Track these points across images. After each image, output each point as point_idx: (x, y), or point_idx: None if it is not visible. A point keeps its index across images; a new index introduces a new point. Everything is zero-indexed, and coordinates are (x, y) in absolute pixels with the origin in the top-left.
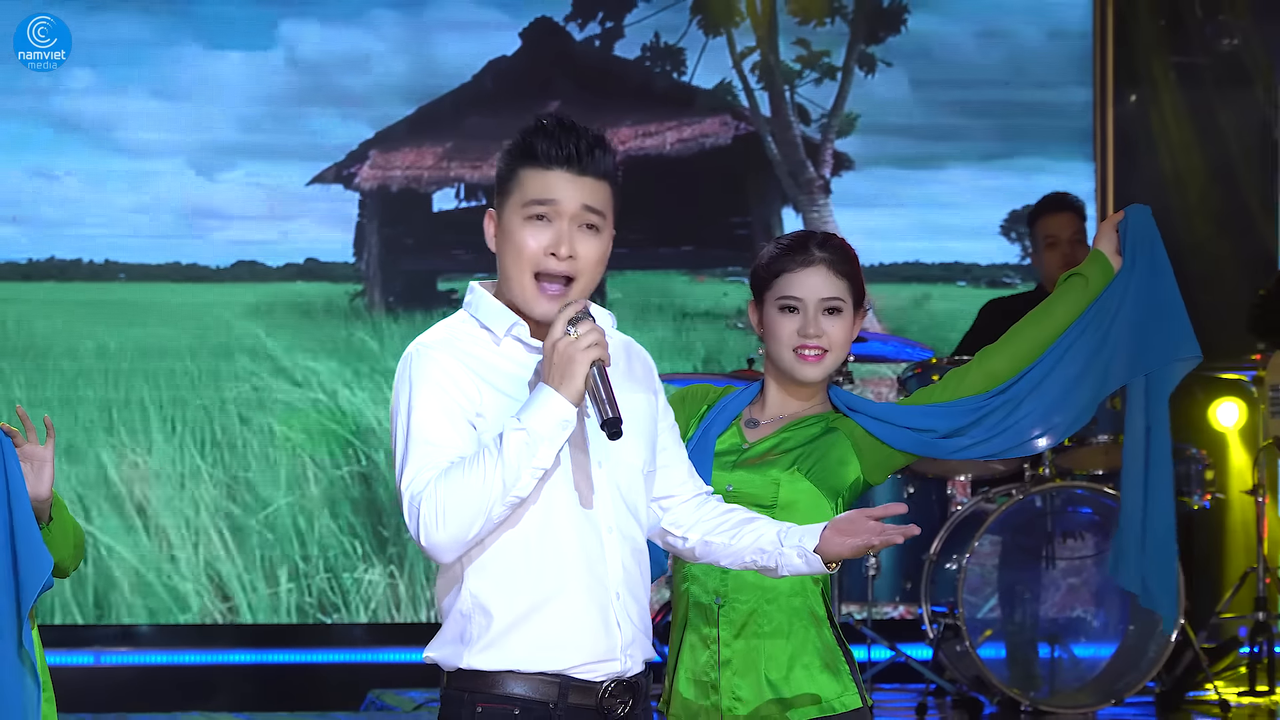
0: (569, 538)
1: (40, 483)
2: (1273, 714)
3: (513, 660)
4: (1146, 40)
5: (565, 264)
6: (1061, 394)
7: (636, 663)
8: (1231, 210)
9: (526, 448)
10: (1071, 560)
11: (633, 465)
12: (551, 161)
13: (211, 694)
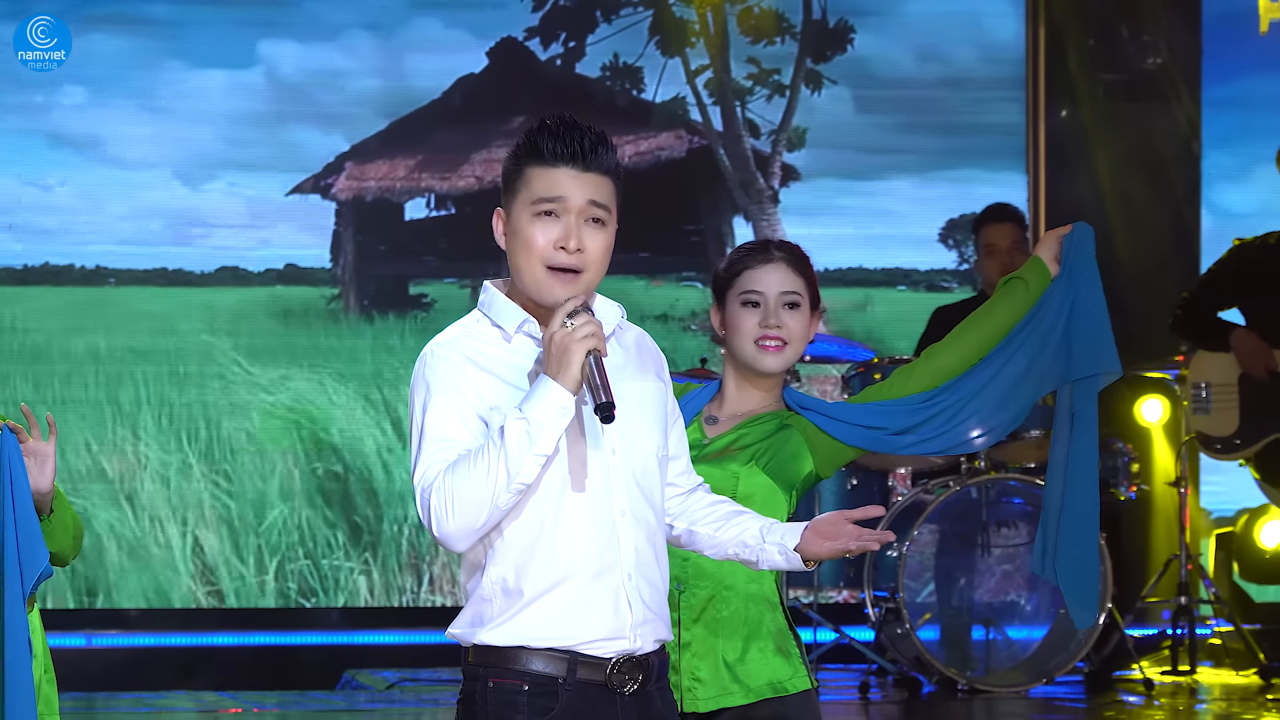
0: (582, 523)
1: (43, 477)
2: (1193, 691)
3: (523, 637)
4: (1076, 59)
5: (574, 257)
6: (1004, 395)
7: (648, 641)
8: (1157, 218)
9: (528, 436)
10: (1005, 548)
11: (647, 451)
12: (557, 159)
13: (197, 674)
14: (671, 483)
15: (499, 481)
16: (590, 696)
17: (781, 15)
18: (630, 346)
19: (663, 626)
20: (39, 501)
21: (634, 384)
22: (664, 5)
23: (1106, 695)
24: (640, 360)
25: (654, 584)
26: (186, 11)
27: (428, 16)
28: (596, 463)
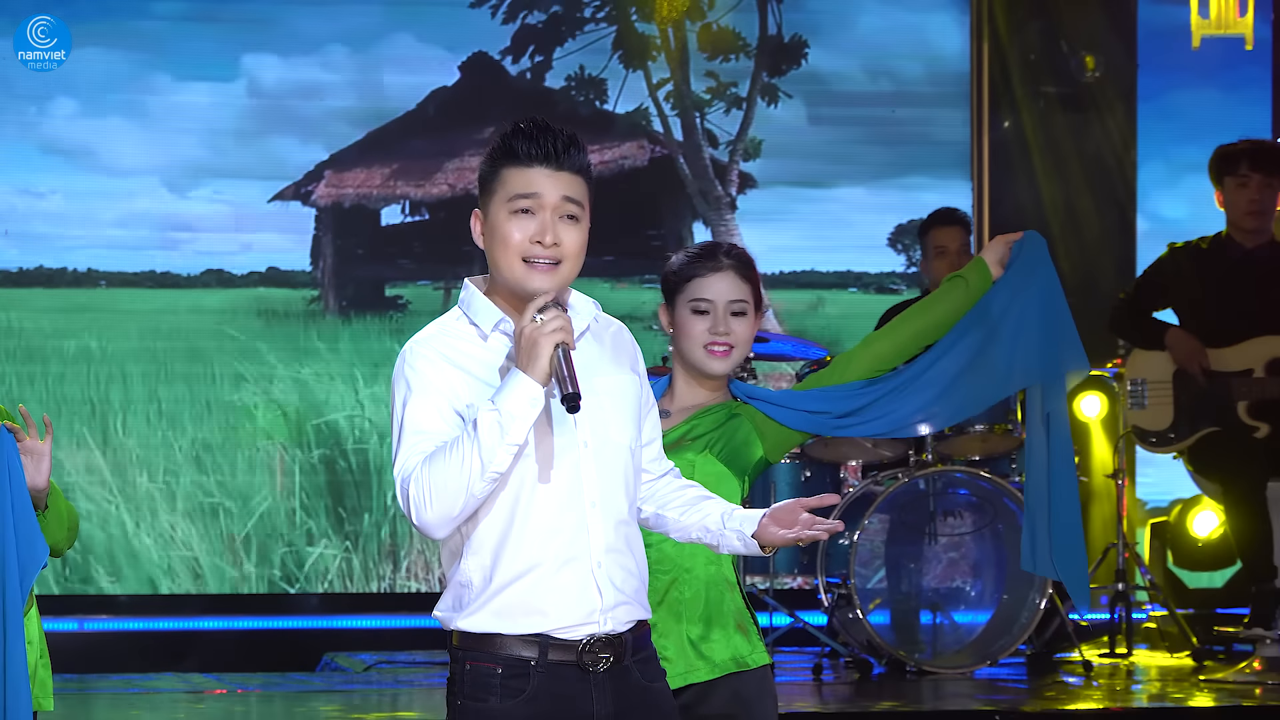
0: (551, 513)
1: (39, 474)
2: (1130, 673)
3: (496, 624)
4: (1018, 73)
5: (550, 250)
6: (944, 387)
7: (620, 623)
8: (1095, 224)
9: (499, 427)
10: (951, 536)
11: (619, 444)
12: (532, 159)
13: (183, 657)
14: (644, 468)
15: (473, 471)
16: (562, 676)
17: (738, 33)
18: (607, 340)
19: (638, 608)
20: (35, 497)
21: (609, 378)
22: (627, 22)
23: (1048, 676)
24: (616, 354)
25: (627, 569)
26: (173, 28)
27: (403, 32)
28: (568, 455)
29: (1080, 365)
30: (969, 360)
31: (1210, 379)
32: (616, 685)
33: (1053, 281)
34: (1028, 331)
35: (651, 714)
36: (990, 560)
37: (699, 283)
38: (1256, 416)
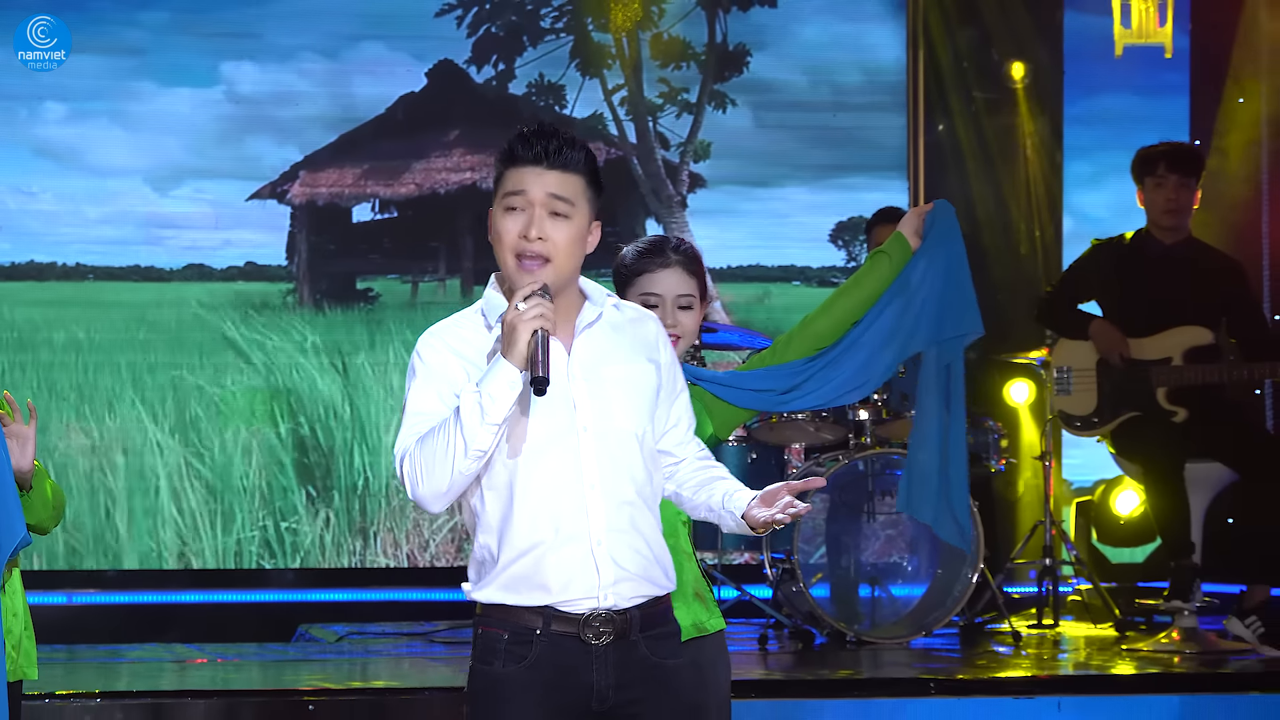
0: (550, 495)
1: (24, 457)
2: (1057, 643)
3: (504, 596)
4: (951, 78)
5: (537, 245)
6: (872, 354)
7: (622, 598)
8: (1024, 221)
9: (480, 408)
10: (889, 515)
11: (623, 430)
12: (522, 160)
13: (167, 628)
14: (668, 450)
15: (458, 450)
16: (564, 647)
17: (687, 42)
18: (625, 329)
19: (647, 585)
20: (21, 478)
21: (618, 366)
22: (584, 31)
23: (979, 646)
24: (634, 344)
25: (634, 548)
26: (156, 37)
27: (372, 41)
28: (567, 439)
29: (976, 329)
30: (892, 326)
31: (1131, 367)
32: (621, 658)
33: (959, 248)
34: (935, 296)
35: (657, 689)
36: (925, 537)
37: (649, 278)
38: (1175, 402)
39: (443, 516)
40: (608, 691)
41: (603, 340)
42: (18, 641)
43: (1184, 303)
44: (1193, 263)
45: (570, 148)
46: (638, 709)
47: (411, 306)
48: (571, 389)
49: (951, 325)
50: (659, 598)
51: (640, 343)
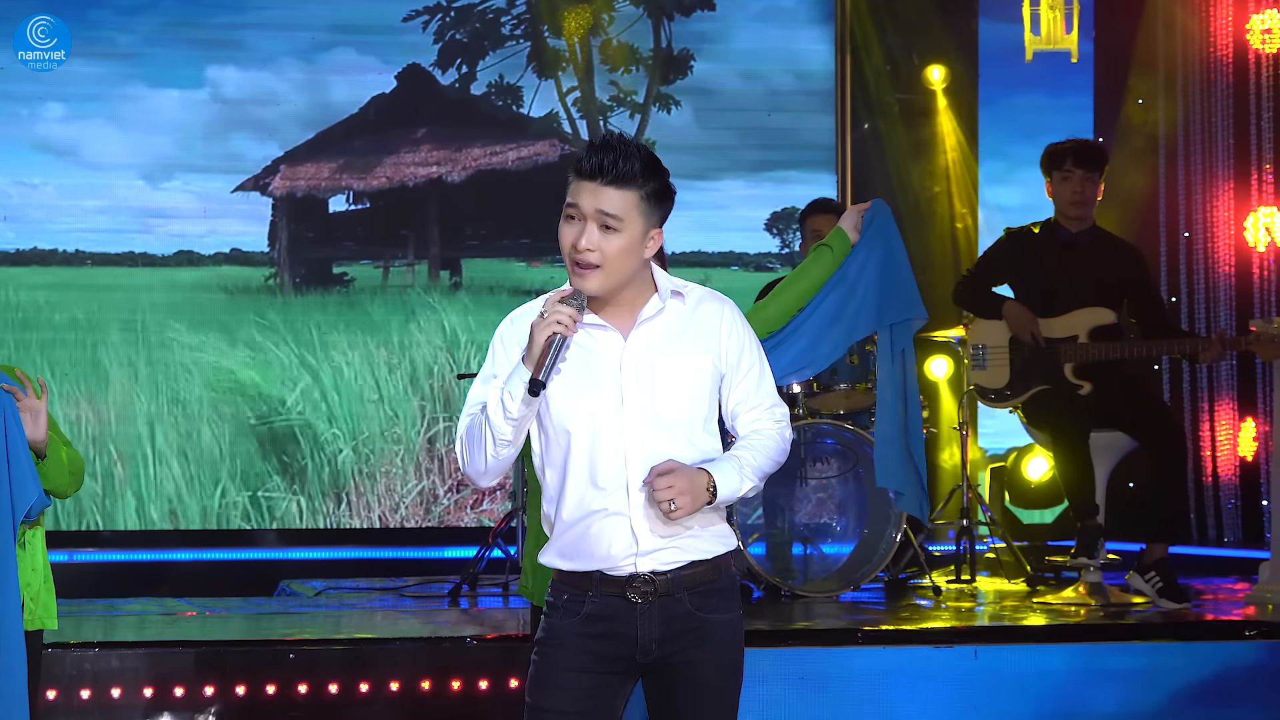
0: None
1: (37, 429)
2: (973, 596)
3: (560, 561)
4: (875, 81)
5: (583, 255)
6: (816, 337)
7: (664, 564)
8: (942, 212)
9: (501, 406)
10: (820, 480)
11: (668, 419)
12: (582, 175)
13: (159, 584)
14: (733, 429)
15: (488, 439)
16: (611, 604)
17: (635, 48)
18: (686, 319)
19: (688, 552)
20: (36, 448)
21: (673, 358)
22: (539, 38)
23: (903, 599)
24: (695, 335)
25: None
26: (147, 43)
27: (345, 46)
28: (614, 425)
29: (919, 313)
30: (834, 313)
31: (1041, 344)
32: (666, 613)
33: (897, 241)
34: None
35: (701, 639)
36: (853, 500)
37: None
38: (1080, 376)
39: (411, 482)
40: (651, 645)
41: (661, 332)
42: (36, 594)
43: (1088, 286)
44: (1096, 250)
45: (627, 163)
46: (681, 659)
47: (383, 289)
48: (622, 379)
49: (894, 311)
50: (704, 560)
51: (702, 334)
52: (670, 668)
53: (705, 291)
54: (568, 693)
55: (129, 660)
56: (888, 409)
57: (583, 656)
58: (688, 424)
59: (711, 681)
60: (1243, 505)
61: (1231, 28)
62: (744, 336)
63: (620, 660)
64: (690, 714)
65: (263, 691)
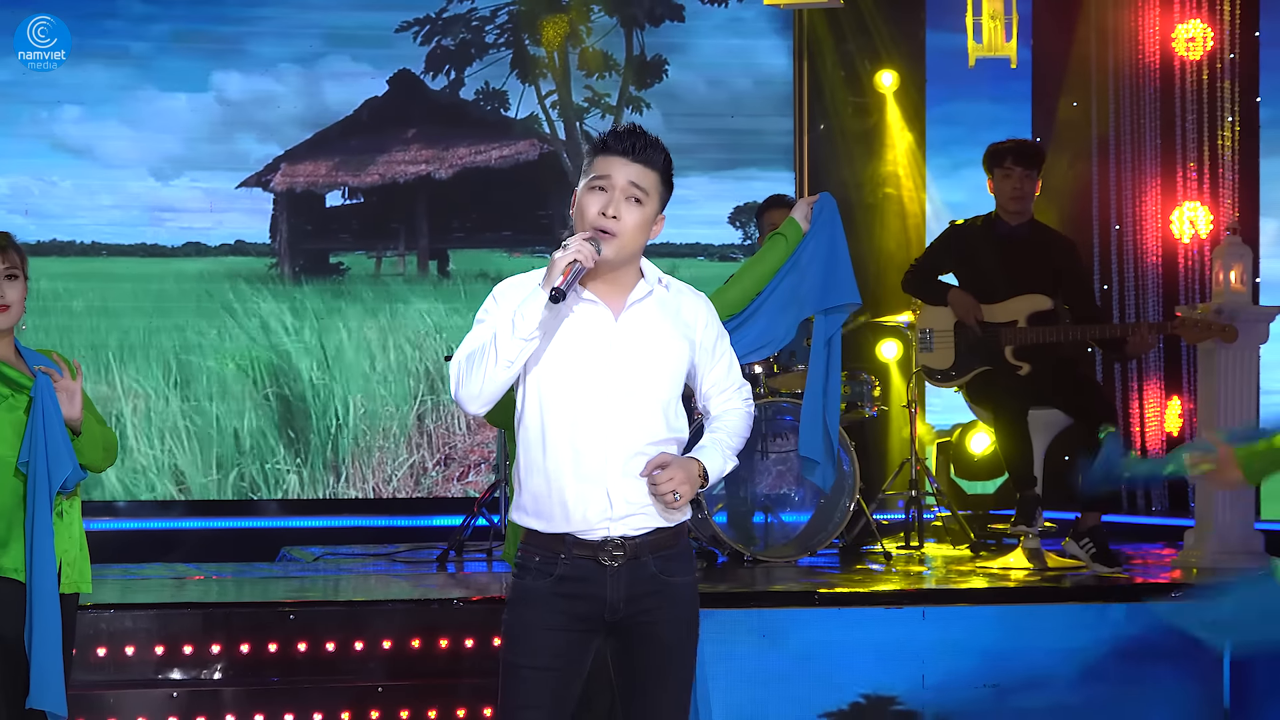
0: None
1: (72, 407)
2: (921, 561)
3: (535, 522)
4: (830, 86)
5: (610, 222)
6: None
7: (633, 529)
8: (892, 206)
9: (512, 324)
10: (779, 454)
11: (645, 395)
12: (613, 150)
13: (170, 550)
14: (706, 409)
15: (490, 359)
16: (583, 566)
17: (609, 55)
18: (670, 308)
19: (655, 516)
20: (72, 425)
21: (655, 343)
22: (521, 46)
23: (856, 564)
24: (675, 322)
25: (644, 490)
26: (157, 49)
27: (340, 53)
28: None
29: (854, 299)
30: (788, 296)
31: (983, 328)
32: (632, 575)
33: (840, 232)
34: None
35: (663, 600)
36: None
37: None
38: (1019, 358)
39: (402, 456)
40: (619, 604)
41: (647, 316)
42: (73, 561)
43: (1027, 275)
44: (1034, 241)
45: (653, 149)
46: (648, 619)
47: (375, 278)
48: (611, 355)
49: (835, 295)
50: (667, 528)
51: (681, 322)
52: (634, 627)
53: (684, 285)
54: (542, 650)
55: (142, 621)
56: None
57: (556, 616)
58: (664, 402)
59: (672, 640)
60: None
61: (1158, 37)
62: (717, 329)
63: (590, 619)
64: (654, 670)
65: (265, 649)
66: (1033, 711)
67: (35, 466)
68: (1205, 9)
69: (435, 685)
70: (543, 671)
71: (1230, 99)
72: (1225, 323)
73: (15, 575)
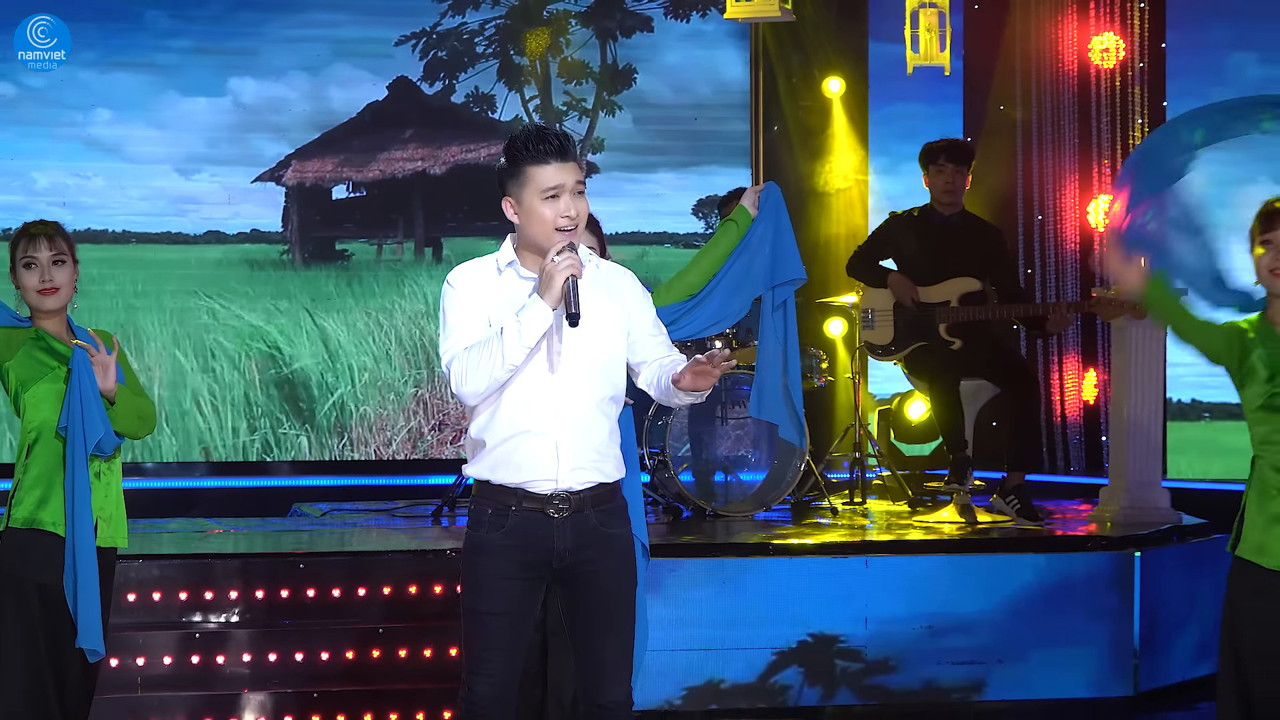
0: (531, 401)
1: (106, 380)
2: (864, 515)
3: (486, 472)
4: (783, 91)
5: (571, 221)
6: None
7: (579, 483)
8: (839, 199)
9: (517, 333)
10: (737, 420)
11: (593, 358)
12: (549, 155)
13: (191, 507)
14: (643, 360)
15: (496, 362)
16: (532, 519)
17: (586, 63)
18: (604, 281)
19: (598, 473)
20: (106, 395)
21: (598, 309)
22: (507, 56)
23: (806, 518)
24: (610, 292)
25: (591, 445)
26: (180, 59)
27: (344, 62)
28: (551, 365)
29: (800, 275)
30: (740, 277)
31: (919, 308)
32: (576, 527)
33: (785, 217)
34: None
35: (603, 550)
36: (764, 436)
37: None
38: (952, 335)
39: (400, 421)
40: (565, 553)
41: (585, 288)
42: (110, 517)
43: (958, 260)
44: (965, 230)
45: (568, 141)
46: (590, 567)
47: (376, 264)
48: (558, 324)
49: (782, 273)
50: (607, 483)
51: (615, 291)
52: (580, 576)
53: (610, 263)
54: (498, 596)
55: (167, 570)
56: (768, 355)
57: (509, 565)
58: (605, 362)
59: (614, 587)
60: (1086, 440)
61: (1076, 48)
62: (647, 299)
63: (539, 566)
64: (599, 612)
65: (278, 595)
66: (962, 649)
67: (71, 431)
68: (1118, 22)
69: (430, 627)
70: (502, 616)
71: (1140, 103)
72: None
73: (55, 529)
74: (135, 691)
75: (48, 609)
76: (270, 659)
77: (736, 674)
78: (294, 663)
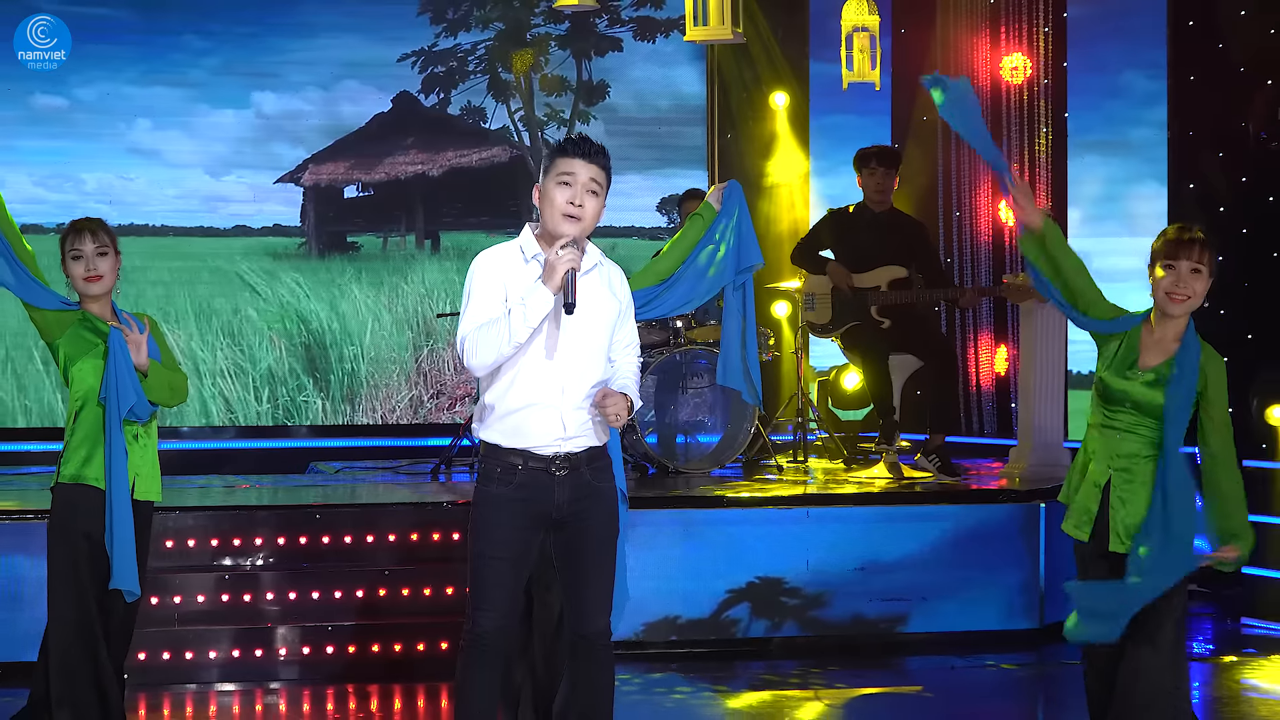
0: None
1: (139, 355)
2: (806, 472)
3: (499, 438)
4: (736, 105)
5: (577, 210)
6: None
7: (578, 447)
8: (783, 199)
9: (522, 315)
10: (696, 389)
11: (591, 344)
12: (573, 153)
13: (222, 465)
14: (614, 359)
15: (503, 339)
16: (537, 476)
17: (564, 79)
18: (605, 278)
19: (592, 439)
20: (140, 369)
21: (597, 303)
22: (495, 73)
23: (756, 474)
24: (609, 289)
25: (590, 416)
26: (210, 76)
27: (353, 78)
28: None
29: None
30: (705, 265)
31: (854, 292)
32: (573, 482)
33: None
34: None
35: (595, 501)
36: (720, 404)
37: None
38: (882, 315)
39: (403, 390)
40: (563, 505)
41: (593, 283)
42: (146, 474)
43: (888, 250)
44: (894, 224)
45: (602, 154)
46: (583, 516)
47: (383, 255)
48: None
49: (744, 260)
50: (598, 446)
51: (613, 288)
52: (572, 521)
53: (611, 262)
54: (504, 543)
55: (200, 520)
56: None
57: (515, 516)
58: (603, 348)
59: (601, 531)
60: (997, 407)
61: (989, 66)
62: (631, 298)
63: (540, 517)
64: (589, 554)
65: (297, 542)
66: (889, 588)
67: (108, 398)
68: (1025, 44)
69: (430, 569)
70: (505, 560)
71: (1045, 115)
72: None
73: (97, 483)
74: (173, 625)
75: (94, 554)
76: (290, 597)
77: (694, 610)
78: (311, 600)
